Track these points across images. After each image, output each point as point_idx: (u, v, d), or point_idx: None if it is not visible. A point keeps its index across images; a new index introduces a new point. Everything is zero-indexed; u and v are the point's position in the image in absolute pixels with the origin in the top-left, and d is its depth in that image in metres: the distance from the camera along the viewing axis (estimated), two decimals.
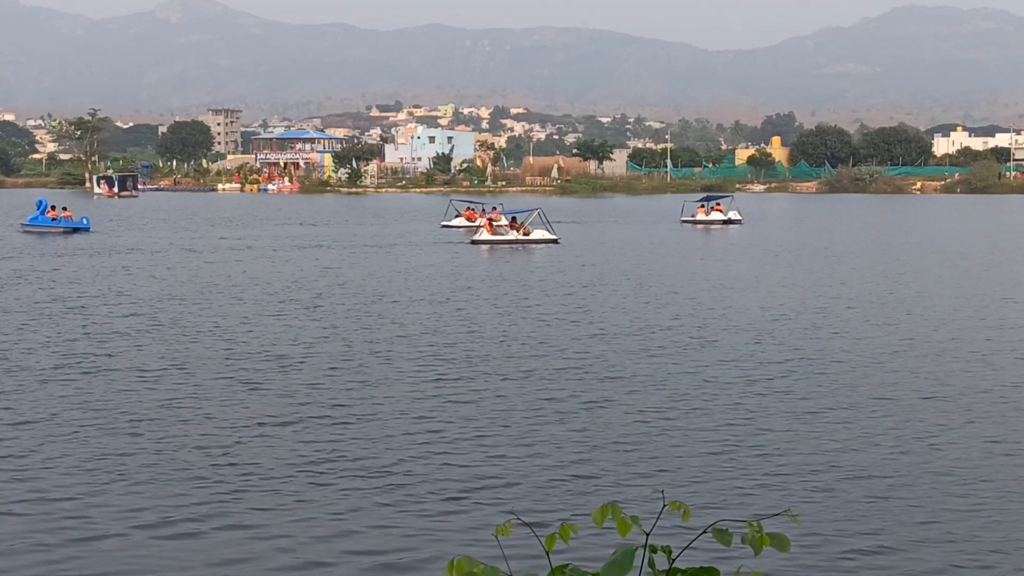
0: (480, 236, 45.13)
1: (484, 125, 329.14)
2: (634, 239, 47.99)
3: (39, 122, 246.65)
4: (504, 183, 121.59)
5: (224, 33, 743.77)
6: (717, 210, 61.25)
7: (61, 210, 52.63)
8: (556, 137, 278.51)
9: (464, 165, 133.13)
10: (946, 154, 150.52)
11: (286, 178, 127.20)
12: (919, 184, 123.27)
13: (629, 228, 57.38)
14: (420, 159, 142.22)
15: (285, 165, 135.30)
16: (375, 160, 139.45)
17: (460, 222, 55.19)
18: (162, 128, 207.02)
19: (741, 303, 25.73)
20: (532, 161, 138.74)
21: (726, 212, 60.81)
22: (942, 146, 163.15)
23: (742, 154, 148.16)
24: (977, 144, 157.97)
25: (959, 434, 13.27)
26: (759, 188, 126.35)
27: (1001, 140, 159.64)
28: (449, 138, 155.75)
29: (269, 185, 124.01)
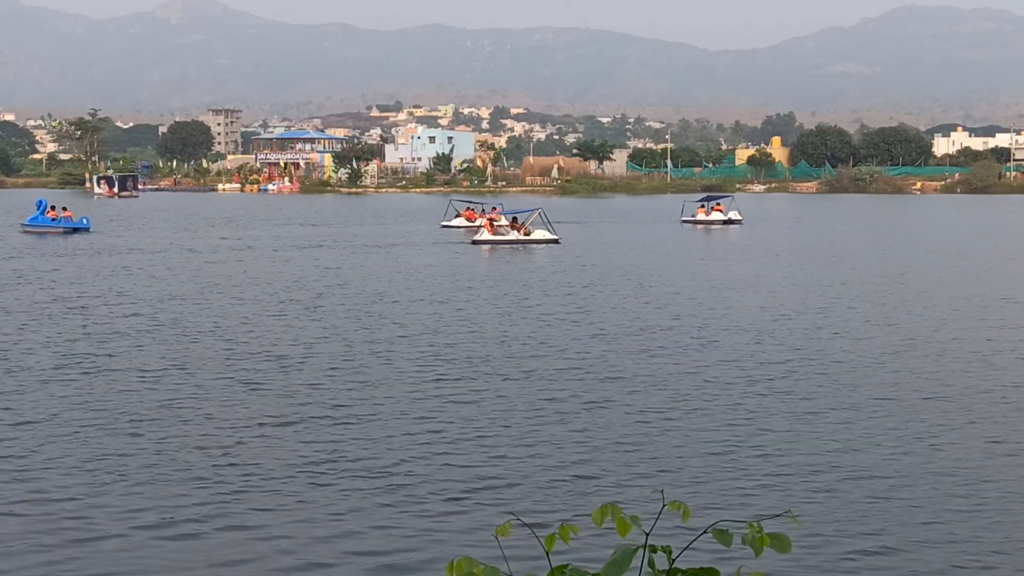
0: (481, 236, 45.13)
1: (484, 125, 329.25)
2: (634, 239, 47.99)
3: (39, 122, 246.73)
4: (504, 183, 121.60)
5: (224, 33, 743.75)
6: (717, 210, 61.26)
7: (61, 210, 52.63)
8: (556, 137, 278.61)
9: (464, 165, 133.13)
10: (946, 154, 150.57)
11: (286, 178, 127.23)
12: (919, 184, 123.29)
13: (629, 228, 57.38)
14: (420, 159, 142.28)
15: (285, 165, 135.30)
16: (375, 160, 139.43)
17: (460, 222, 55.21)
18: (162, 128, 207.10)
19: (741, 303, 25.71)
20: (532, 161, 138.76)
21: (726, 212, 60.84)
22: (942, 146, 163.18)
23: (742, 154, 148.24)
24: (977, 144, 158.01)
25: (960, 434, 13.26)
26: (759, 188, 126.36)
27: (1001, 140, 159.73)
28: (449, 138, 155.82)
29: (269, 185, 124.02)
